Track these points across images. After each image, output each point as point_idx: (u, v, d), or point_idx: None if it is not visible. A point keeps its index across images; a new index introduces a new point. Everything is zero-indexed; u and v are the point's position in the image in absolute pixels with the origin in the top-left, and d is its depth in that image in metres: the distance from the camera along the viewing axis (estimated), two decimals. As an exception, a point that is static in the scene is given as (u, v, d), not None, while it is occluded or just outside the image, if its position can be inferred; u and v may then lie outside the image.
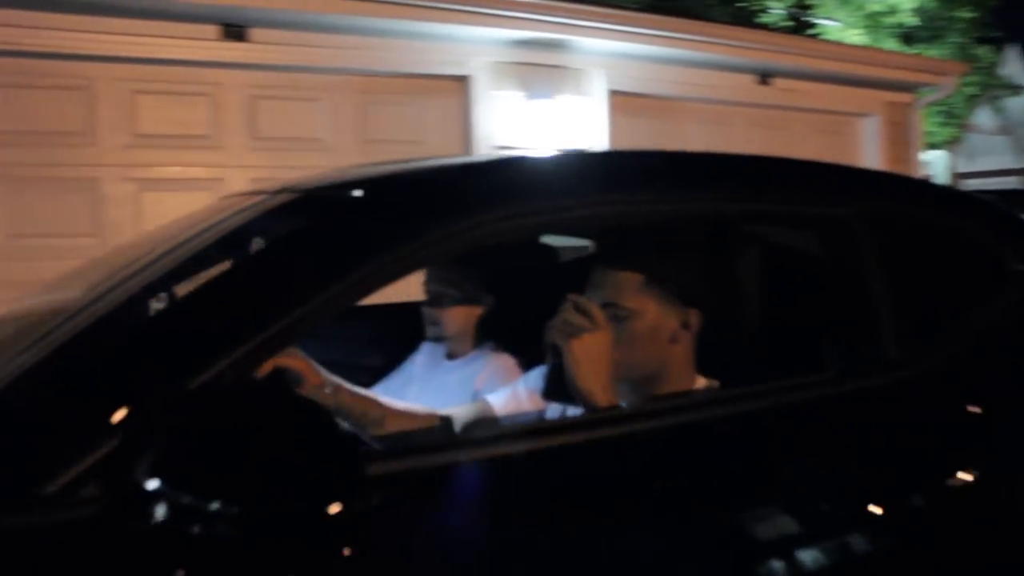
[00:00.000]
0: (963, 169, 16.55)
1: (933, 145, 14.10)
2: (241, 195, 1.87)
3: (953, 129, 14.95)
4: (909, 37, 13.46)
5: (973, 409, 1.54)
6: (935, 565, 1.39)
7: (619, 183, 1.48)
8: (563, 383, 1.40)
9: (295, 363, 1.55)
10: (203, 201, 2.26)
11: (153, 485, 0.92)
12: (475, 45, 5.14)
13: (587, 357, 1.35)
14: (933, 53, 12.52)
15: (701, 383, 1.54)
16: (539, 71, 5.34)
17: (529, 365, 2.16)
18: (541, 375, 1.65)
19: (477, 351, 2.25)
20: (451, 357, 2.30)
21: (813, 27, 13.47)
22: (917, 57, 10.03)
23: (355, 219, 1.34)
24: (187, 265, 1.42)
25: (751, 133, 6.47)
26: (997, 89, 15.87)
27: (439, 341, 2.27)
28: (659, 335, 1.48)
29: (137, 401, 1.01)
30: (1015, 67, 17.11)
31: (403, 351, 2.45)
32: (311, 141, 4.86)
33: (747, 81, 6.37)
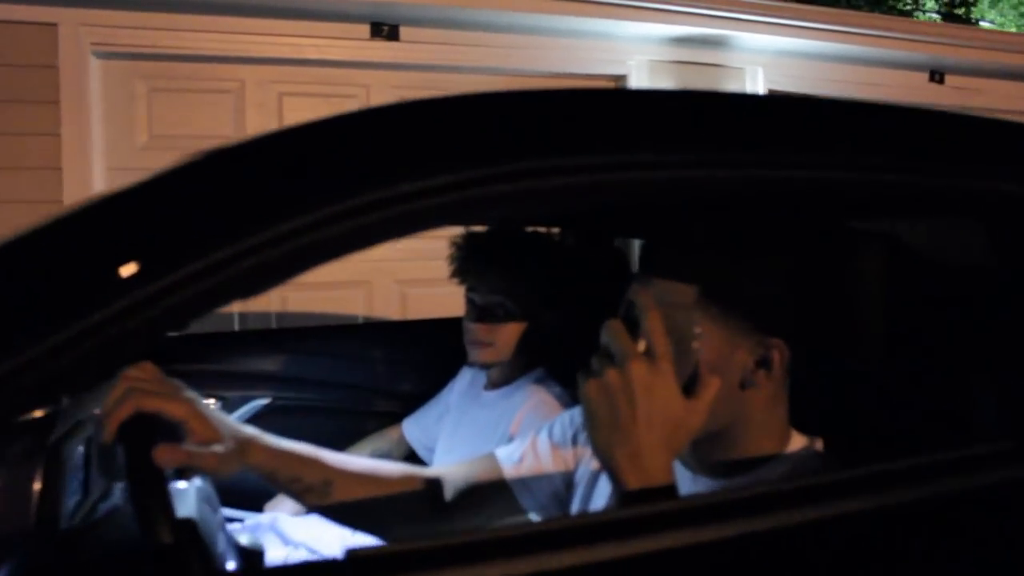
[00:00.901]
0: None
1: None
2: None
3: None
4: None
5: None
6: None
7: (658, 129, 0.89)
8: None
9: (173, 409, 1.00)
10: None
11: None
12: (632, 43, 4.79)
13: (611, 409, 0.86)
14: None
15: (798, 443, 1.05)
16: (696, 70, 4.96)
17: (573, 403, 1.72)
18: (571, 422, 1.25)
19: (520, 381, 1.83)
20: (491, 386, 1.89)
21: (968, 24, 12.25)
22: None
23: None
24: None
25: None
26: None
27: (482, 366, 1.85)
28: (725, 375, 0.98)
29: None
30: None
31: (443, 375, 2.08)
32: (461, 143, 4.58)
33: (918, 79, 5.58)
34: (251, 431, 1.09)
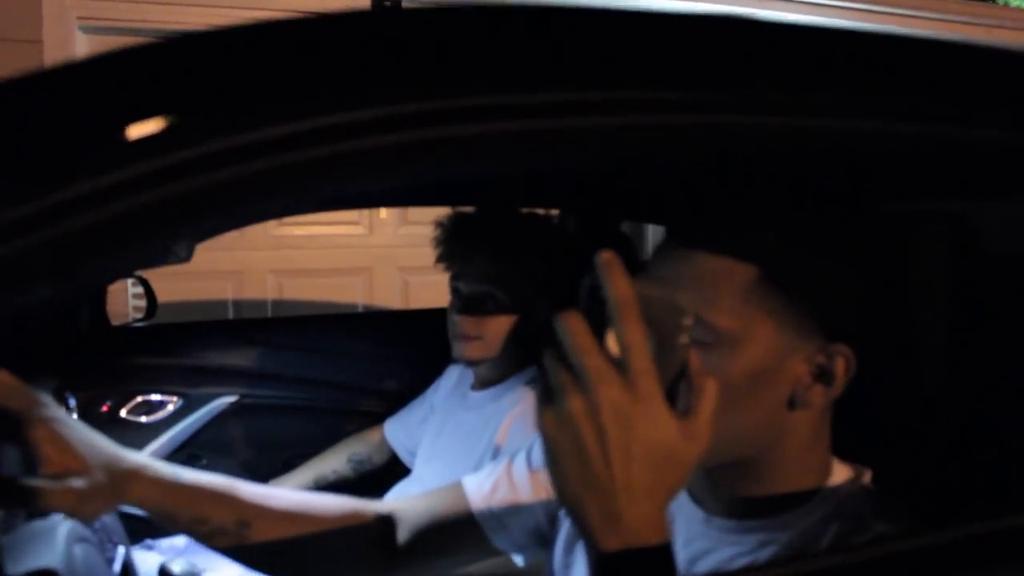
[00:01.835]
0: None
1: None
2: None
3: None
4: None
5: None
6: None
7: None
8: None
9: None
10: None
11: None
12: None
13: (574, 446, 0.61)
14: None
15: (841, 475, 0.82)
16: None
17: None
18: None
19: (511, 381, 1.61)
20: (478, 386, 1.68)
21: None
22: None
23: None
24: None
25: None
26: None
27: (467, 363, 1.63)
28: (772, 388, 0.75)
29: None
30: None
31: (433, 371, 1.87)
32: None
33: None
34: (137, 460, 0.87)
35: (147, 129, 0.51)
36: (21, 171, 0.51)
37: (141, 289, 2.19)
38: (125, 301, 3.21)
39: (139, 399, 1.94)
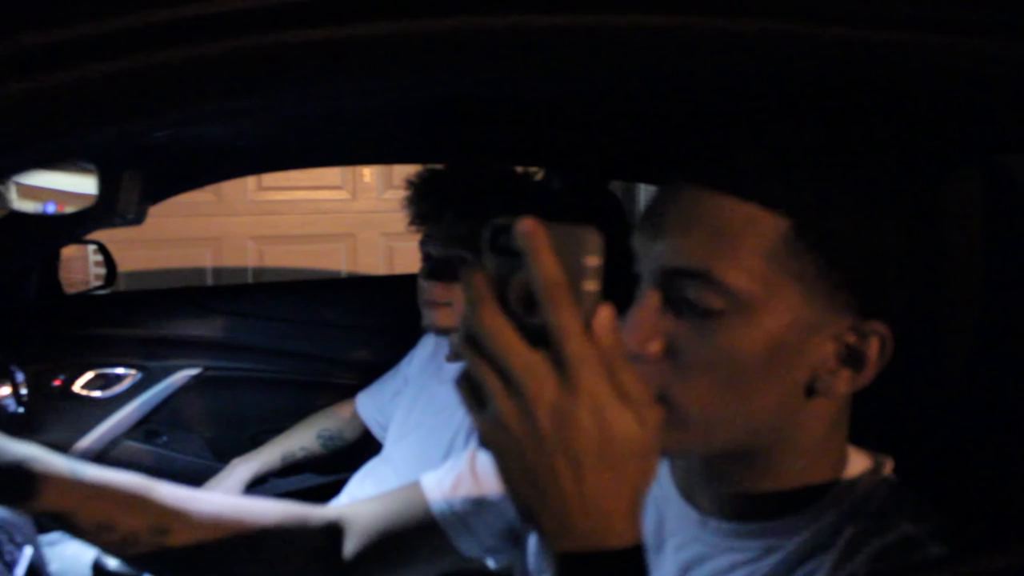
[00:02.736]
0: None
1: None
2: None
3: None
4: None
5: None
6: None
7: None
8: None
9: None
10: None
11: None
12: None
13: (515, 454, 0.51)
14: None
15: (859, 465, 0.70)
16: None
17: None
18: None
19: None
20: (454, 357, 1.57)
21: None
22: None
23: None
24: None
25: None
26: None
27: (438, 332, 1.51)
28: (789, 370, 0.62)
29: None
30: None
31: (409, 341, 1.75)
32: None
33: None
34: (22, 452, 0.74)
35: None
36: None
37: (102, 257, 2.06)
38: (85, 269, 3.08)
39: (94, 372, 1.83)
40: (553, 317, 0.49)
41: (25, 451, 0.74)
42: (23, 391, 1.60)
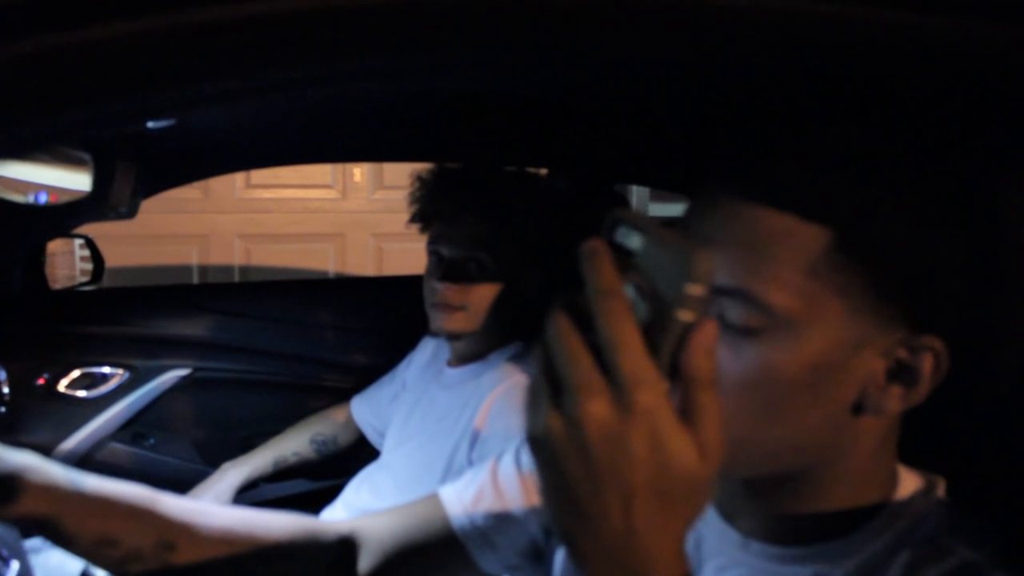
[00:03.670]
0: None
1: None
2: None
3: None
4: None
5: None
6: None
7: None
8: None
9: None
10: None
11: None
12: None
13: (559, 474, 0.47)
14: None
15: (910, 486, 0.65)
16: None
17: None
18: None
19: (493, 357, 1.45)
20: (456, 362, 1.52)
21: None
22: None
23: None
24: None
25: None
26: None
27: (448, 336, 1.47)
28: (836, 388, 0.59)
29: None
30: None
31: (406, 344, 1.70)
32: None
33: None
34: (20, 462, 0.69)
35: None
36: None
37: (89, 252, 2.00)
38: (72, 264, 3.01)
39: (80, 371, 1.78)
40: (606, 330, 0.45)
41: (20, 460, 0.69)
42: (5, 390, 1.55)
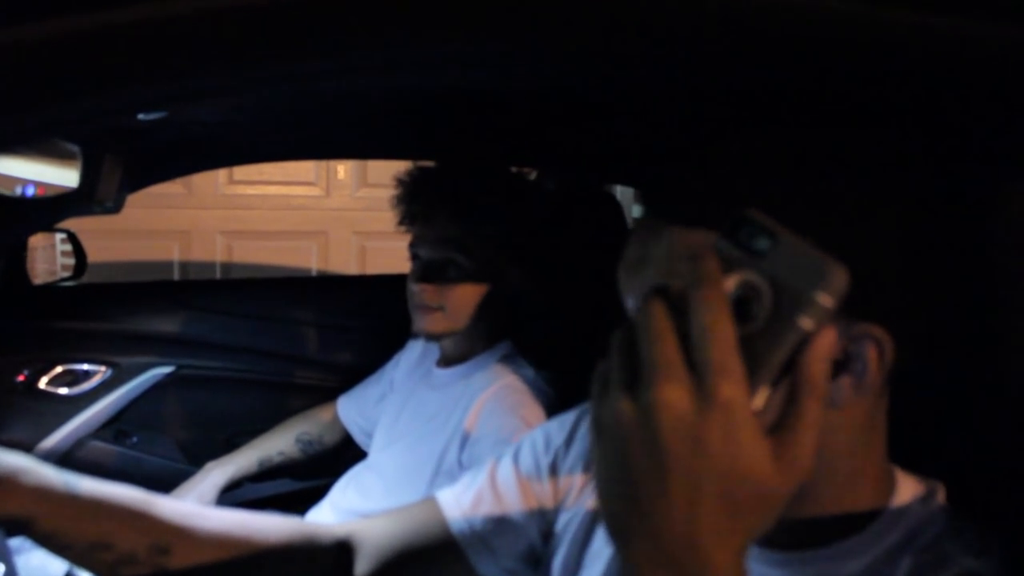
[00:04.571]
0: None
1: None
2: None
3: None
4: None
5: None
6: None
7: None
8: None
9: None
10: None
11: None
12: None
13: (621, 463, 0.46)
14: None
15: (908, 491, 0.65)
16: None
17: (562, 396, 1.34)
18: (546, 439, 0.85)
19: (482, 358, 1.44)
20: (444, 363, 1.51)
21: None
22: None
23: None
24: None
25: None
26: None
27: (428, 338, 1.46)
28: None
29: None
30: None
31: (394, 343, 1.69)
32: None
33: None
34: (12, 464, 0.68)
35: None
36: None
37: (71, 246, 1.97)
38: (53, 258, 2.97)
39: (61, 368, 1.76)
40: (700, 316, 0.44)
41: (13, 462, 0.67)
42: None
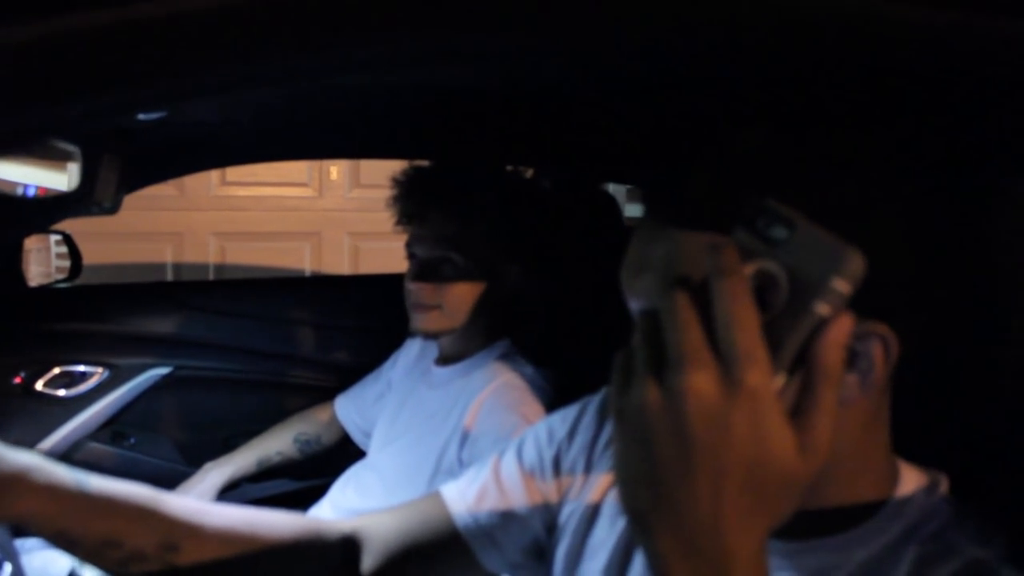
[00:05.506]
0: None
1: None
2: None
3: None
4: None
5: None
6: None
7: None
8: None
9: None
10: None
11: None
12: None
13: (641, 449, 0.46)
14: None
15: (912, 483, 0.65)
16: None
17: (561, 393, 1.35)
18: (549, 433, 0.85)
19: (480, 356, 1.45)
20: (443, 361, 1.51)
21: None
22: None
23: None
24: None
25: None
26: None
27: (425, 336, 1.46)
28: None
29: None
30: None
31: (391, 343, 1.69)
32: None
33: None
34: (22, 462, 0.68)
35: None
36: None
37: (66, 248, 1.97)
38: (48, 260, 2.96)
39: (58, 370, 1.75)
40: (724, 305, 0.45)
41: (24, 460, 0.67)
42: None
